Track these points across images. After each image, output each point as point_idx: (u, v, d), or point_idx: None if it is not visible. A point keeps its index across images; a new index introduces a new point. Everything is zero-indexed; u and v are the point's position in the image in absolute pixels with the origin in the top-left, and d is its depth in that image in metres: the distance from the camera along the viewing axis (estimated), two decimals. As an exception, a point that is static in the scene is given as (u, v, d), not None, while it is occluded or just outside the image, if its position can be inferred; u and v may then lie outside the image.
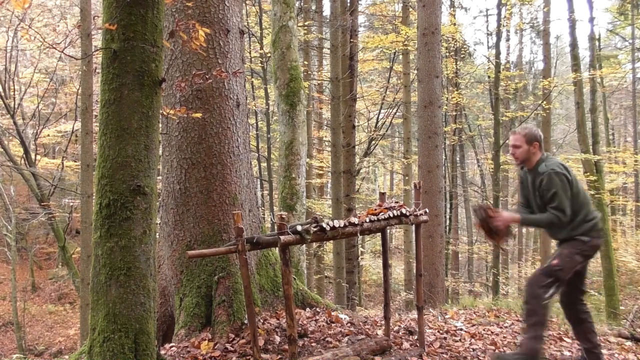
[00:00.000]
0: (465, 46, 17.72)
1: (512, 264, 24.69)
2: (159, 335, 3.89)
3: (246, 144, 4.22)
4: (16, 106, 14.13)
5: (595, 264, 19.03)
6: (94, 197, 3.04)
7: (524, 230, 27.17)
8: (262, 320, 3.84)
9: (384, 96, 16.40)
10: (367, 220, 3.03)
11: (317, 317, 4.14)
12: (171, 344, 3.62)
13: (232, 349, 3.44)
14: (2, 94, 12.98)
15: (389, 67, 16.10)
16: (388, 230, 6.21)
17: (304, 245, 5.69)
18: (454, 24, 15.77)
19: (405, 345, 3.63)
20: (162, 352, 3.39)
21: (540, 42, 21.31)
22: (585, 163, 12.66)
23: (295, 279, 4.40)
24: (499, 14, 14.78)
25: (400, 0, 15.35)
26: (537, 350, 3.13)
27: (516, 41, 25.11)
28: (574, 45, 12.54)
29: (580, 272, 3.38)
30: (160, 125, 3.70)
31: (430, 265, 7.44)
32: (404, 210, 3.22)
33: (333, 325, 4.01)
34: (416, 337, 3.75)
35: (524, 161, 3.41)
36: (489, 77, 17.72)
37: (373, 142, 15.15)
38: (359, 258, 15.48)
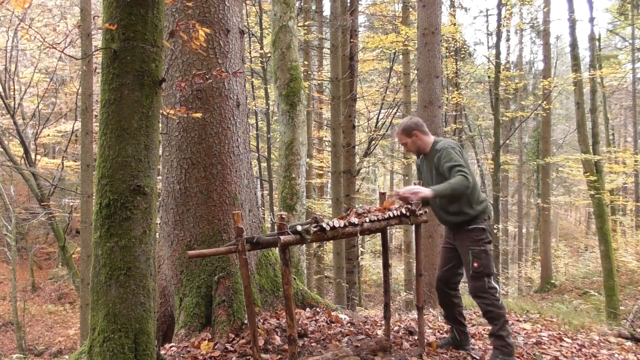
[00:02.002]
0: (465, 46, 17.71)
1: (512, 264, 24.70)
2: (159, 335, 3.89)
3: (246, 144, 4.22)
4: (16, 106, 14.14)
5: (595, 264, 19.03)
6: (94, 197, 3.04)
7: (524, 230, 27.18)
8: (262, 320, 3.84)
9: (384, 96, 16.39)
10: (367, 220, 3.02)
11: (317, 317, 4.14)
12: (171, 344, 3.62)
13: (232, 349, 3.44)
14: (2, 94, 12.98)
15: (389, 67, 16.09)
16: (388, 230, 6.20)
17: (304, 245, 5.68)
18: (454, 24, 15.77)
19: (405, 345, 3.63)
20: (162, 352, 3.39)
21: (540, 42, 21.34)
22: (585, 163, 12.66)
23: (295, 279, 4.40)
24: (499, 14, 14.80)
25: (400, 0, 15.35)
26: (512, 345, 3.35)
27: (516, 41, 25.18)
28: (574, 45, 12.54)
29: (456, 264, 3.60)
30: (160, 125, 3.70)
31: (430, 265, 7.43)
32: (404, 210, 3.21)
33: (333, 325, 4.01)
34: (416, 337, 3.74)
35: (419, 150, 3.57)
36: (489, 77, 17.73)
37: (373, 142, 15.13)
38: (359, 258, 15.48)
